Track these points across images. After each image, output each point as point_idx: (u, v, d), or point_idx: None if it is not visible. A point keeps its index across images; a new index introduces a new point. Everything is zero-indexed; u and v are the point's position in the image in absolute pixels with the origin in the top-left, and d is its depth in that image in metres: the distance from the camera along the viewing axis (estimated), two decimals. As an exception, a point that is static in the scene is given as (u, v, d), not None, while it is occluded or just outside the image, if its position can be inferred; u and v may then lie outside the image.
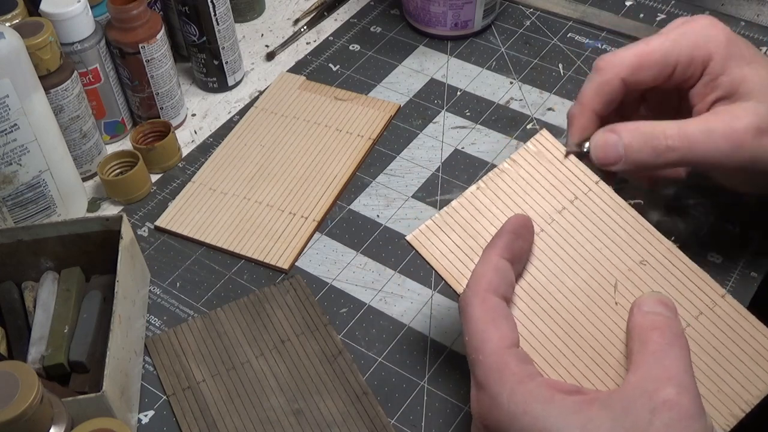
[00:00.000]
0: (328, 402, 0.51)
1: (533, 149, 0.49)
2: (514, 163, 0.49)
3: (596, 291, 0.45)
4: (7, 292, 0.56)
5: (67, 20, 0.61)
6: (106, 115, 0.69)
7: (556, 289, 0.45)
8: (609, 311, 0.44)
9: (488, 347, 0.40)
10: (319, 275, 0.59)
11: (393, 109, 0.71)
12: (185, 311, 0.58)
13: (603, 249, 0.46)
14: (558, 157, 0.49)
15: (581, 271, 0.45)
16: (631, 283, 0.45)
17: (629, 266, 0.45)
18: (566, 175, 0.48)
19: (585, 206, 0.47)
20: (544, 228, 0.47)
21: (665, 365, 0.38)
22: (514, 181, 0.48)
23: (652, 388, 0.37)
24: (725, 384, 0.42)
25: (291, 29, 0.81)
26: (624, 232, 0.46)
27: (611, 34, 0.77)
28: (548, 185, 0.48)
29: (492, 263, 0.43)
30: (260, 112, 0.72)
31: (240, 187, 0.65)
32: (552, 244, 0.46)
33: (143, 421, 0.52)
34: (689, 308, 0.44)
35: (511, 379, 0.39)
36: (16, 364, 0.41)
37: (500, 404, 0.39)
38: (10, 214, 0.60)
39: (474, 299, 0.42)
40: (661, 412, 0.36)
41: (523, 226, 0.45)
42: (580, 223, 0.47)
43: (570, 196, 0.47)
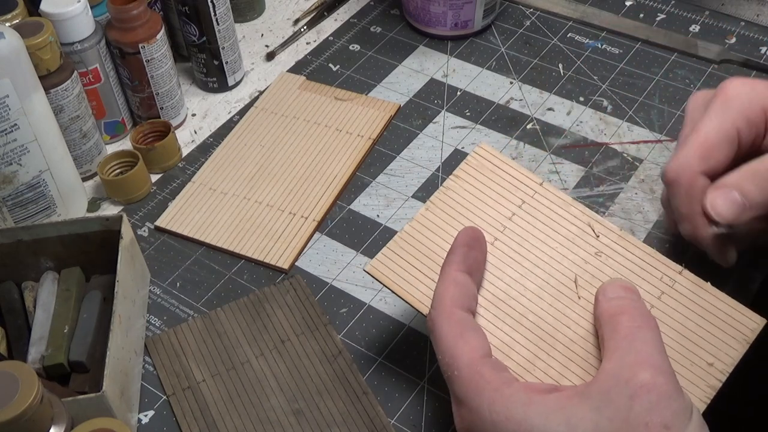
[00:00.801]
0: (328, 402, 0.51)
1: (475, 162, 0.50)
2: (458, 178, 0.50)
3: (558, 289, 0.45)
4: (7, 292, 0.56)
5: (67, 20, 0.61)
6: (106, 115, 0.69)
7: (518, 294, 0.46)
8: (574, 306, 0.45)
9: (461, 361, 0.41)
10: (319, 275, 0.59)
11: (393, 109, 0.71)
12: (185, 311, 0.58)
13: (558, 247, 0.47)
14: (500, 166, 0.49)
15: (540, 272, 0.46)
16: (590, 275, 0.45)
17: (585, 259, 0.46)
18: (510, 182, 0.49)
19: (533, 209, 0.48)
20: (498, 237, 0.47)
21: (637, 349, 0.39)
22: (461, 196, 0.49)
23: (627, 374, 0.38)
24: (697, 357, 0.43)
25: (291, 29, 0.81)
26: (574, 227, 0.47)
27: (611, 34, 0.77)
28: (495, 194, 0.49)
29: (451, 279, 0.44)
30: (260, 112, 0.72)
31: (240, 187, 0.65)
32: (508, 251, 0.47)
33: (143, 421, 0.52)
34: (650, 290, 0.45)
35: (488, 389, 0.39)
36: (16, 364, 0.41)
37: (482, 416, 0.39)
38: (10, 214, 0.60)
39: (440, 317, 0.42)
40: (640, 397, 0.37)
41: (473, 238, 0.45)
42: (532, 225, 0.47)
43: (518, 202, 0.48)
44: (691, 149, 0.48)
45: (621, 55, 0.75)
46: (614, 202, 0.62)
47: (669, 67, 0.73)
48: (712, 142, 0.48)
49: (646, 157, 0.66)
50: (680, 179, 0.48)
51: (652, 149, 0.66)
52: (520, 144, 0.67)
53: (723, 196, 0.47)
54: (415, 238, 0.49)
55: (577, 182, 0.64)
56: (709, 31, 0.77)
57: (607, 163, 0.65)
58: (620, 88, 0.72)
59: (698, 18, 0.78)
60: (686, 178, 0.48)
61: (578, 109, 0.70)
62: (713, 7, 0.79)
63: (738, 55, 0.74)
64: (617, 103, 0.70)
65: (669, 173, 0.49)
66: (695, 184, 0.48)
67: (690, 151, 0.48)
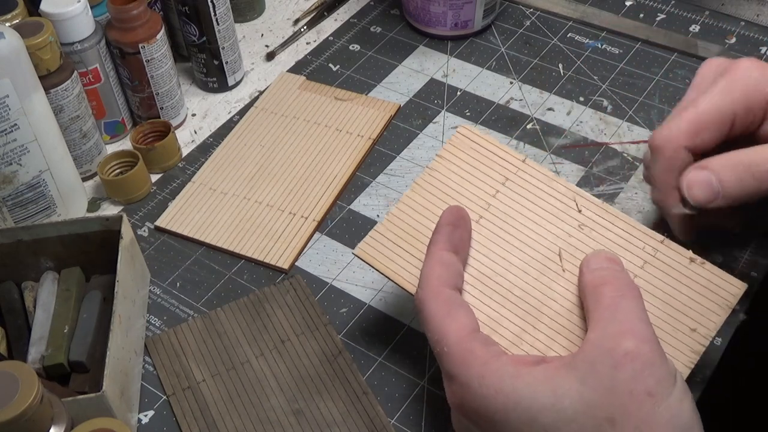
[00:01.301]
0: (328, 402, 0.51)
1: (457, 142, 0.50)
2: (442, 159, 0.50)
3: (543, 263, 0.46)
4: (7, 292, 0.56)
5: (67, 20, 0.61)
6: (106, 115, 0.69)
7: (504, 270, 0.46)
8: (559, 279, 0.45)
9: (450, 338, 0.41)
10: (319, 275, 0.59)
11: (393, 109, 0.71)
12: (185, 311, 0.58)
13: (542, 222, 0.47)
14: (483, 144, 0.50)
15: (525, 248, 0.47)
16: (574, 248, 0.46)
17: (569, 232, 0.47)
18: (494, 160, 0.50)
19: (517, 185, 0.49)
20: (483, 215, 0.48)
21: (620, 318, 0.40)
22: (445, 176, 0.50)
23: (611, 343, 0.38)
24: (681, 323, 0.44)
25: (291, 29, 0.81)
26: (558, 201, 0.48)
27: (611, 34, 0.77)
28: (478, 173, 0.49)
29: (437, 258, 0.44)
30: (260, 112, 0.72)
31: (240, 187, 0.65)
32: (493, 228, 0.48)
33: (143, 421, 0.52)
34: (633, 260, 0.45)
35: (478, 363, 0.40)
36: (16, 364, 0.41)
37: (472, 389, 0.40)
38: (10, 214, 0.60)
39: (427, 296, 0.43)
40: (623, 365, 0.38)
41: (458, 216, 0.46)
42: (515, 202, 0.48)
43: (501, 179, 0.49)
44: (683, 122, 0.48)
45: (621, 55, 0.75)
46: (614, 202, 0.62)
47: (669, 67, 0.73)
48: (705, 121, 0.48)
49: (646, 157, 0.66)
50: (664, 148, 0.49)
51: (652, 149, 0.66)
52: (520, 144, 0.67)
53: (700, 180, 0.47)
54: (401, 219, 0.49)
55: (577, 182, 0.64)
56: (709, 31, 0.77)
57: (607, 163, 0.65)
58: (620, 88, 0.72)
59: (698, 18, 0.78)
60: (670, 148, 0.48)
61: (578, 109, 0.70)
62: (713, 7, 0.79)
63: (738, 55, 0.74)
64: (617, 103, 0.70)
65: (655, 139, 0.49)
66: (677, 156, 0.48)
67: (681, 124, 0.48)
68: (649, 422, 0.37)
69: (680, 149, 0.48)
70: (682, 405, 0.38)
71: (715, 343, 0.53)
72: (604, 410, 0.37)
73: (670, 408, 0.37)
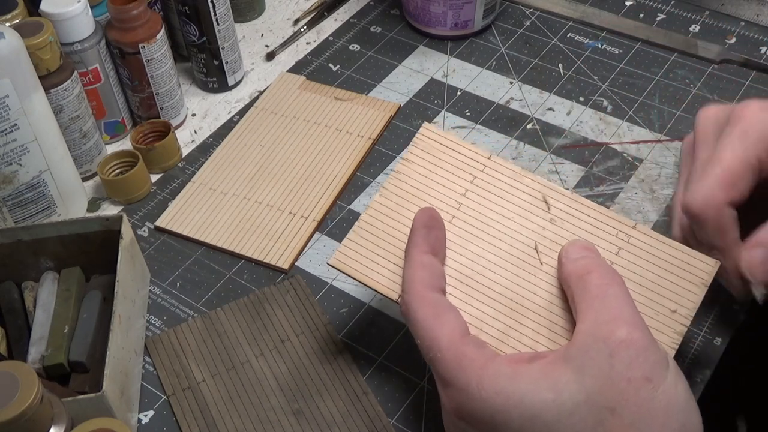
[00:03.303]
0: (328, 402, 0.51)
1: (422, 144, 0.50)
2: (408, 161, 0.50)
3: (520, 258, 0.46)
4: (7, 292, 0.56)
5: (67, 20, 0.61)
6: (106, 115, 0.69)
7: (483, 268, 0.46)
8: (538, 273, 0.45)
9: (441, 343, 0.41)
10: (319, 275, 0.59)
11: (393, 109, 0.71)
12: (185, 311, 0.58)
13: (514, 217, 0.47)
14: (447, 144, 0.50)
15: (501, 244, 0.47)
16: (549, 241, 0.46)
17: (543, 226, 0.47)
18: (460, 159, 0.49)
19: (485, 182, 0.49)
20: (455, 214, 0.48)
21: (610, 306, 0.40)
22: (413, 179, 0.50)
23: (604, 332, 0.39)
24: (661, 306, 0.44)
25: (291, 29, 0.81)
26: (528, 195, 0.48)
27: (611, 34, 0.77)
28: (446, 173, 0.49)
29: (417, 261, 0.44)
30: (260, 112, 0.72)
31: (240, 187, 0.65)
32: (467, 227, 0.48)
33: (143, 421, 0.52)
34: (608, 247, 0.46)
35: (473, 367, 0.40)
36: (16, 364, 0.41)
37: (471, 394, 0.39)
38: (10, 214, 0.60)
39: (413, 301, 0.43)
40: (619, 353, 0.38)
41: (431, 217, 0.46)
42: (486, 199, 0.48)
43: (469, 178, 0.49)
44: (715, 180, 0.46)
45: (621, 55, 0.75)
46: (614, 202, 0.62)
47: (669, 67, 0.73)
48: (737, 173, 0.46)
49: (646, 157, 0.66)
50: (707, 213, 0.46)
51: (652, 149, 0.66)
52: (520, 144, 0.67)
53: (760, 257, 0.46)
54: (373, 225, 0.49)
55: (577, 182, 0.64)
56: (709, 31, 0.77)
57: (607, 163, 0.65)
58: (620, 88, 0.72)
59: (698, 18, 0.78)
60: (714, 211, 0.46)
61: (578, 109, 0.70)
62: (713, 7, 0.79)
63: (738, 55, 0.74)
64: (617, 103, 0.70)
65: (694, 206, 0.47)
66: (724, 216, 0.46)
67: (713, 183, 0.46)
68: (649, 408, 0.37)
69: (723, 207, 0.46)
70: (677, 388, 0.38)
71: (715, 343, 0.53)
72: (604, 399, 0.37)
73: (666, 392, 0.38)
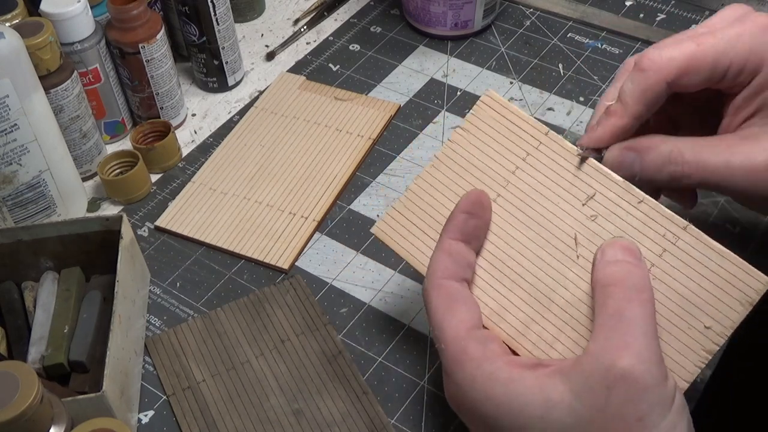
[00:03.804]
0: (328, 402, 0.51)
1: (481, 112, 0.48)
2: (464, 131, 0.48)
3: (557, 247, 0.44)
4: (7, 292, 0.56)
5: (67, 20, 0.61)
6: (106, 115, 0.69)
7: (518, 254, 0.45)
8: (572, 266, 0.43)
9: (447, 335, 0.41)
10: (319, 275, 0.59)
11: (393, 109, 0.71)
12: (185, 311, 0.58)
13: (560, 202, 0.45)
14: (505, 114, 0.47)
15: (540, 230, 0.45)
16: (591, 233, 0.43)
17: (587, 214, 0.44)
18: (516, 132, 0.47)
19: (537, 161, 0.46)
20: (500, 192, 0.46)
21: (623, 330, 0.38)
22: (466, 150, 0.48)
23: (609, 359, 0.37)
24: (695, 320, 0.41)
25: (291, 29, 0.81)
26: (578, 179, 0.45)
27: (611, 34, 0.77)
28: (499, 147, 0.47)
29: (445, 249, 0.43)
30: (260, 112, 0.72)
31: (240, 187, 0.65)
32: (509, 208, 0.46)
33: (143, 421, 0.52)
34: (652, 247, 0.42)
35: (471, 365, 0.40)
36: (16, 364, 0.41)
37: (464, 391, 0.40)
38: (10, 214, 0.60)
39: (431, 289, 0.43)
40: (617, 388, 0.37)
41: (476, 203, 0.44)
42: (534, 179, 0.45)
43: (522, 154, 0.46)
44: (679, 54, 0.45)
45: (621, 55, 0.75)
46: (614, 202, 0.62)
47: (669, 67, 0.73)
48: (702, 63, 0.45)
49: (646, 157, 0.66)
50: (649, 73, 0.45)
51: (652, 149, 0.66)
52: (520, 144, 0.67)
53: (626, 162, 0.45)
54: (420, 197, 0.48)
55: (577, 182, 0.64)
56: (709, 31, 0.77)
57: (607, 163, 0.65)
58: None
59: (698, 18, 0.78)
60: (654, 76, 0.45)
61: (578, 109, 0.70)
62: (713, 7, 0.79)
63: (738, 55, 0.73)
64: (617, 103, 0.70)
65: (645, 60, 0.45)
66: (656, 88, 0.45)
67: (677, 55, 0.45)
68: None
69: (662, 82, 0.45)
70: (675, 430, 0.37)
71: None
72: (593, 429, 0.37)
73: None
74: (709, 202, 0.61)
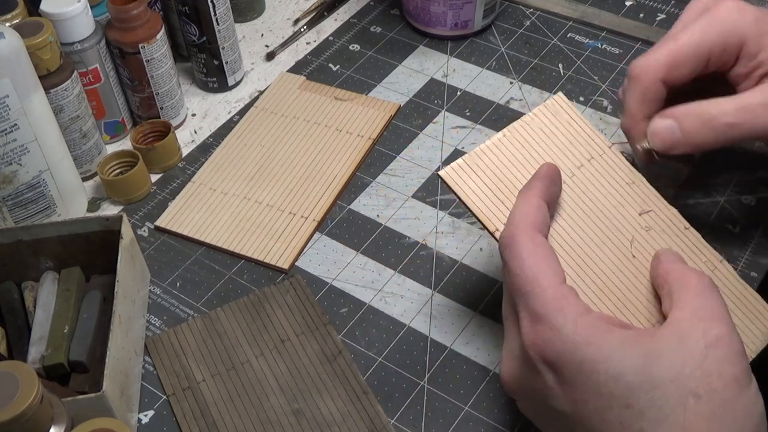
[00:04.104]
0: (328, 402, 0.51)
1: (552, 107, 0.51)
2: (535, 117, 0.51)
3: (615, 244, 0.47)
4: (7, 292, 0.56)
5: (67, 20, 0.61)
6: (106, 115, 0.69)
7: (579, 239, 0.47)
8: (627, 263, 0.47)
9: (546, 280, 0.41)
10: (319, 275, 0.59)
11: (393, 109, 0.71)
12: (185, 311, 0.58)
13: (619, 207, 0.49)
14: (574, 118, 0.51)
15: (601, 224, 0.48)
16: (644, 241, 0.48)
17: (642, 226, 0.48)
18: (582, 136, 0.51)
19: (600, 167, 0.50)
20: (566, 180, 0.49)
21: (711, 306, 0.40)
22: (536, 133, 0.51)
23: (704, 325, 0.39)
24: None
25: (291, 29, 0.81)
26: (637, 196, 0.49)
27: (611, 34, 0.77)
28: (567, 142, 0.50)
29: (534, 204, 0.44)
30: (260, 112, 0.72)
31: (240, 187, 0.65)
32: (574, 196, 0.48)
33: (143, 421, 0.52)
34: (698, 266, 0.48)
35: (574, 311, 0.40)
36: (16, 364, 0.41)
37: (564, 335, 0.39)
38: (10, 214, 0.60)
39: (521, 236, 0.43)
40: (715, 348, 0.38)
41: (556, 173, 0.47)
42: (597, 180, 0.49)
43: (587, 155, 0.50)
44: (662, 54, 0.51)
45: (621, 55, 0.75)
46: (614, 202, 0.62)
47: (669, 67, 0.73)
48: (684, 55, 0.50)
49: (646, 157, 0.66)
50: (641, 78, 0.51)
51: (652, 149, 0.66)
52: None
53: (664, 128, 0.50)
54: (488, 158, 0.49)
55: (577, 182, 0.64)
56: (709, 31, 0.77)
57: (607, 163, 0.65)
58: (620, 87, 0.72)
59: (698, 18, 0.78)
60: (646, 79, 0.51)
61: (578, 109, 0.70)
62: (713, 7, 0.79)
63: (738, 55, 0.74)
64: (617, 103, 0.70)
65: (634, 68, 0.51)
66: (652, 87, 0.51)
67: (660, 56, 0.51)
68: (732, 406, 0.37)
69: (656, 81, 0.51)
70: (758, 398, 0.39)
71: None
72: (692, 384, 0.37)
73: (751, 397, 0.38)
74: (709, 202, 0.62)
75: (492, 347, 0.54)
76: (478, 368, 0.53)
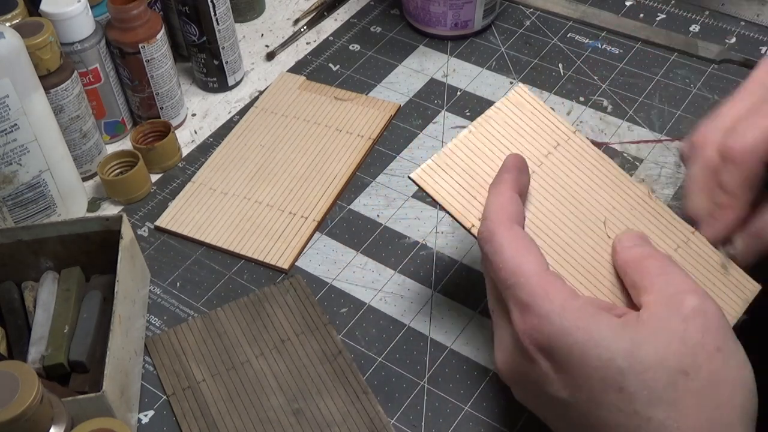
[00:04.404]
0: (328, 402, 0.51)
1: (514, 99, 0.52)
2: (499, 110, 0.51)
3: (589, 227, 0.48)
4: (7, 292, 0.56)
5: (67, 20, 0.61)
6: (106, 115, 0.69)
7: (553, 225, 0.47)
8: (603, 244, 0.47)
9: (528, 269, 0.41)
10: (319, 275, 0.59)
11: (393, 109, 0.71)
12: (185, 311, 0.58)
13: (589, 190, 0.49)
14: (537, 108, 0.52)
15: (573, 209, 0.48)
16: (617, 221, 0.48)
17: (613, 206, 0.49)
18: (546, 124, 0.51)
19: (567, 152, 0.50)
20: (535, 170, 0.49)
21: (676, 282, 0.41)
22: (501, 126, 0.51)
23: (676, 301, 0.39)
24: None
25: (291, 29, 0.81)
26: (605, 177, 0.49)
27: (611, 34, 0.77)
28: (532, 132, 0.51)
29: (507, 196, 0.45)
30: (260, 112, 0.72)
31: (240, 187, 0.65)
32: (544, 184, 0.49)
33: (143, 421, 0.52)
34: (668, 242, 0.48)
35: (560, 297, 0.40)
36: (16, 364, 0.41)
37: (552, 321, 0.39)
38: (10, 214, 0.60)
39: (499, 228, 0.43)
40: (693, 319, 0.39)
41: (522, 162, 0.47)
42: (565, 166, 0.50)
43: (553, 143, 0.50)
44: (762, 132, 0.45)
45: (621, 55, 0.75)
46: (614, 202, 0.62)
47: (669, 67, 0.73)
48: None
49: (646, 156, 0.66)
50: (746, 159, 0.45)
51: (652, 149, 0.66)
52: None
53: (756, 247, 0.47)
54: (457, 156, 0.50)
55: (577, 182, 0.64)
56: (709, 31, 0.77)
57: (607, 163, 0.65)
58: (620, 88, 0.72)
59: (698, 18, 0.78)
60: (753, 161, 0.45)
61: (578, 109, 0.70)
62: (713, 7, 0.79)
63: (738, 55, 0.74)
64: (617, 103, 0.70)
65: (735, 149, 0.45)
66: (757, 171, 0.45)
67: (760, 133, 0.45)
68: (719, 377, 0.38)
69: (760, 163, 0.45)
70: (746, 367, 0.39)
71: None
72: (678, 362, 0.38)
73: (738, 366, 0.38)
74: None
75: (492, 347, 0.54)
76: (478, 368, 0.53)
